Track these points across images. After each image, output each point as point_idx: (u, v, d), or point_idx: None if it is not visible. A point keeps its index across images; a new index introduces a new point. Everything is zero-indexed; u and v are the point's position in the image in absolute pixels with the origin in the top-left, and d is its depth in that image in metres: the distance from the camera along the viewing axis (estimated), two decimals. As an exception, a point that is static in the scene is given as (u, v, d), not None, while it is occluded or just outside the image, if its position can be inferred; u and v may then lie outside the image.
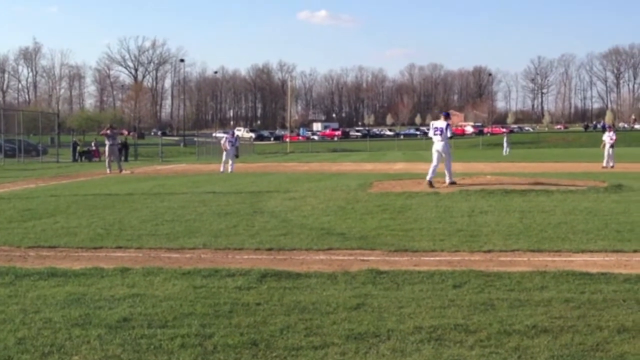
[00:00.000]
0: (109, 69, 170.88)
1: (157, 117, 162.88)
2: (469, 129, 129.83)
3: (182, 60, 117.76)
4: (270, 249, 8.37)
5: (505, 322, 5.03)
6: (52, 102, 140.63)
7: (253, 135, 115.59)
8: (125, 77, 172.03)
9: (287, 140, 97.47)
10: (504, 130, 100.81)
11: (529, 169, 28.11)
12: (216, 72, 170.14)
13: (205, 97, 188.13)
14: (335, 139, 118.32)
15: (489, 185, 15.86)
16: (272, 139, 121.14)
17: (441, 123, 17.14)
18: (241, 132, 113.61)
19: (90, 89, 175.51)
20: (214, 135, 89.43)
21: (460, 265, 7.27)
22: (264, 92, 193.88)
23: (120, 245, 8.72)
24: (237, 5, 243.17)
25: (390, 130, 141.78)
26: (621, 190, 15.16)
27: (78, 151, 49.06)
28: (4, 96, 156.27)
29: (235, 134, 32.84)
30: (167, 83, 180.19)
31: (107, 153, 28.50)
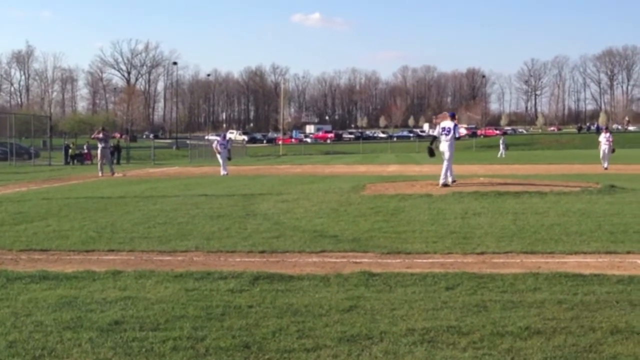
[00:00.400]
0: (101, 72, 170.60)
1: (149, 120, 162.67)
2: (463, 131, 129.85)
3: (175, 63, 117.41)
4: (262, 252, 8.35)
5: (498, 323, 5.02)
6: (45, 105, 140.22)
7: (246, 137, 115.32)
8: (117, 80, 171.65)
9: (280, 142, 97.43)
10: (498, 132, 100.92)
11: (522, 171, 28.16)
12: (209, 74, 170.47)
13: (198, 100, 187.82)
14: (328, 141, 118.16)
15: (482, 187, 15.87)
16: (265, 141, 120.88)
17: (449, 123, 17.13)
18: (234, 134, 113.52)
19: (83, 92, 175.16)
20: (206, 138, 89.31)
21: (453, 267, 7.26)
22: (257, 95, 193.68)
23: (112, 248, 8.69)
24: (231, 8, 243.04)
25: (383, 132, 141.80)
26: (614, 192, 15.18)
27: (70, 154, 48.93)
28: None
29: (228, 137, 32.80)
30: (160, 86, 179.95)
31: (99, 156, 28.45)
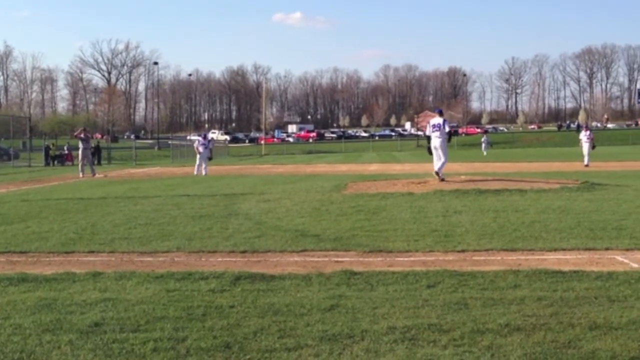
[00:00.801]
0: (81, 72, 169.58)
1: (130, 120, 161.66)
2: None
3: (156, 63, 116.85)
4: (244, 252, 8.33)
5: (478, 321, 5.05)
6: (24, 106, 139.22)
7: (228, 137, 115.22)
8: (98, 80, 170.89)
9: (262, 142, 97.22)
10: (480, 130, 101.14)
11: (503, 169, 28.30)
12: (190, 74, 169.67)
13: (180, 100, 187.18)
14: (311, 140, 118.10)
15: (463, 185, 15.94)
16: (247, 141, 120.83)
17: (438, 120, 17.34)
18: (216, 134, 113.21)
19: (63, 92, 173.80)
20: (188, 138, 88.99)
21: (434, 265, 7.28)
22: (239, 95, 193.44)
23: (93, 249, 8.63)
24: (212, 8, 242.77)
25: (365, 131, 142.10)
26: (594, 189, 15.31)
27: (50, 155, 48.60)
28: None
29: (209, 137, 32.74)
30: (141, 86, 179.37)
31: (80, 157, 28.28)
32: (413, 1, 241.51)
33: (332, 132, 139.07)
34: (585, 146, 31.22)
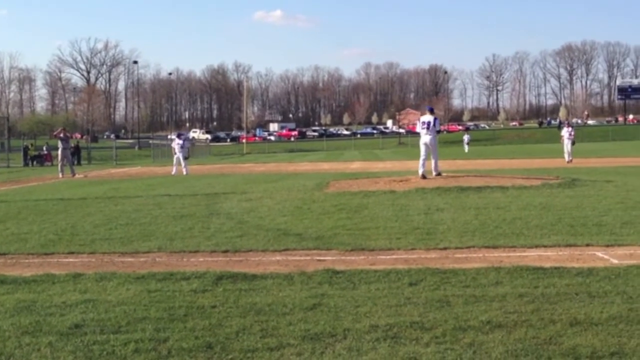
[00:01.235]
0: (60, 72, 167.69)
1: (110, 119, 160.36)
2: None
3: (136, 62, 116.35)
4: (226, 251, 8.31)
5: (460, 318, 5.06)
6: (2, 105, 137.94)
7: (209, 136, 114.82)
8: (77, 79, 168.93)
9: (244, 141, 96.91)
10: (461, 128, 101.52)
11: (485, 166, 28.42)
12: (170, 73, 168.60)
13: (160, 99, 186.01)
14: (292, 139, 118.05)
15: (445, 183, 15.98)
16: (229, 140, 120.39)
17: (428, 117, 17.48)
18: (197, 133, 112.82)
19: (41, 92, 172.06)
20: (169, 137, 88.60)
21: (416, 263, 7.29)
22: (220, 93, 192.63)
23: (73, 250, 8.57)
24: (191, 6, 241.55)
25: (347, 129, 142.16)
26: (575, 186, 15.40)
27: (29, 155, 48.18)
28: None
29: (185, 135, 32.93)
30: (121, 85, 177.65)
31: (59, 157, 28.06)
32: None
33: (314, 131, 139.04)
34: (567, 143, 31.53)
